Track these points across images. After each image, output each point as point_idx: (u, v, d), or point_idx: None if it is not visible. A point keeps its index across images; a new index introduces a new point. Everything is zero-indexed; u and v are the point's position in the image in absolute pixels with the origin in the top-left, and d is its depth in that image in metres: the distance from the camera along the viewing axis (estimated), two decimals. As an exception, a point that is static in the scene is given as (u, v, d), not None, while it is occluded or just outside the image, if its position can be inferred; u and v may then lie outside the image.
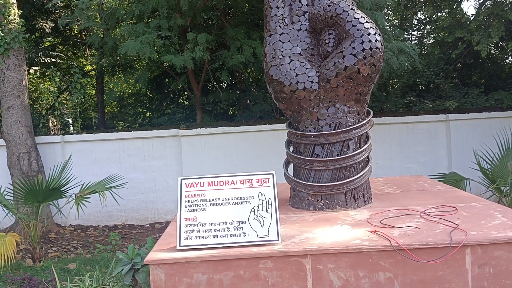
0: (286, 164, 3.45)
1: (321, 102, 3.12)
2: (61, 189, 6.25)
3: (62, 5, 9.19)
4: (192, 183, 2.50)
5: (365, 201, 3.18)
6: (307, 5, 3.39)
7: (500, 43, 9.83)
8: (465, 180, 6.44)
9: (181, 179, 2.51)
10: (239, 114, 10.44)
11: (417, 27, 11.75)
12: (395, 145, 8.17)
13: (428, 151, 8.18)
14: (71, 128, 12.44)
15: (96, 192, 6.35)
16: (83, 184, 6.48)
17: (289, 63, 3.17)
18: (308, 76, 3.11)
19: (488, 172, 6.33)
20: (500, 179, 6.04)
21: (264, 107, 10.03)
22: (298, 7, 3.38)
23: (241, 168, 7.89)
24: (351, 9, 3.06)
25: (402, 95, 10.02)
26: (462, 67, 10.60)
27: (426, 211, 2.84)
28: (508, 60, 10.99)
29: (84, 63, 13.16)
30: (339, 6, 3.07)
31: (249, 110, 10.44)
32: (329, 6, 3.14)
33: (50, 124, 11.40)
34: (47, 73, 11.60)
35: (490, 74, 10.49)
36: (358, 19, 3.00)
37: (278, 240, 2.37)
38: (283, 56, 3.21)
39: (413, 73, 10.01)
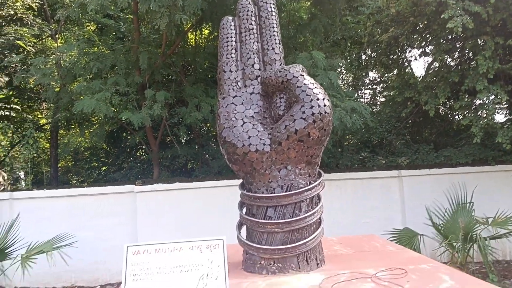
0: (239, 226, 3.41)
1: (273, 164, 3.15)
2: (6, 251, 5.95)
3: (18, 59, 9.08)
4: (138, 250, 2.42)
5: (317, 264, 3.17)
6: (259, 69, 3.50)
7: (447, 102, 10.39)
8: (419, 236, 6.56)
9: (128, 247, 2.43)
10: (197, 169, 10.38)
11: (369, 86, 12.30)
12: (351, 200, 8.29)
13: (383, 206, 8.34)
14: (23, 183, 11.97)
15: (44, 252, 6.07)
16: (30, 244, 6.18)
17: (241, 125, 3.21)
18: (260, 139, 3.15)
19: (440, 228, 6.48)
20: (452, 234, 6.19)
21: (222, 162, 10.02)
22: (251, 72, 3.48)
23: (197, 225, 7.76)
24: (301, 75, 3.16)
25: (356, 151, 10.30)
26: (412, 124, 11.07)
27: (376, 274, 2.84)
28: (456, 117, 11.57)
29: (39, 116, 12.89)
30: (289, 72, 3.18)
31: (207, 165, 10.41)
32: (280, 71, 3.25)
33: (0, 179, 10.94)
34: (-1, 126, 11.26)
35: (439, 132, 10.98)
36: (307, 84, 3.10)
37: (227, 309, 2.31)
38: (236, 119, 3.26)
39: (366, 130, 10.36)
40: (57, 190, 8.02)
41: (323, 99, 3.06)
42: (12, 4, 9.47)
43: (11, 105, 11.82)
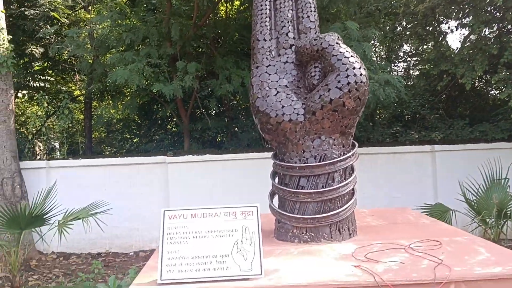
0: (271, 195, 3.43)
1: (307, 134, 3.14)
2: (44, 216, 6.14)
3: (52, 30, 9.23)
4: (175, 215, 2.47)
5: (350, 234, 3.17)
6: (294, 38, 3.45)
7: (484, 76, 10.05)
8: (451, 211, 6.46)
9: (164, 211, 2.49)
10: (227, 142, 10.45)
11: (403, 59, 11.98)
12: (382, 175, 8.19)
13: (414, 181, 8.22)
14: (58, 153, 12.31)
15: (80, 218, 6.25)
16: (67, 210, 6.37)
17: (275, 95, 3.19)
18: (294, 108, 3.13)
19: (473, 203, 6.36)
20: (486, 211, 6.07)
21: (252, 135, 10.06)
22: (285, 40, 3.43)
23: (228, 196, 7.85)
24: (337, 43, 3.10)
25: (388, 126, 10.13)
26: (447, 98, 10.78)
27: (410, 245, 2.83)
28: (492, 93, 11.21)
29: (73, 88, 13.15)
30: (325, 40, 3.12)
31: (237, 138, 10.45)
32: (315, 40, 3.19)
33: (37, 149, 11.27)
34: (35, 97, 11.55)
35: (475, 106, 10.67)
36: (343, 53, 3.04)
37: (261, 274, 2.34)
38: (270, 88, 3.23)
39: (399, 104, 10.15)
40: (92, 160, 8.22)
41: (359, 68, 3.00)
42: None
43: (46, 77, 12.09)
